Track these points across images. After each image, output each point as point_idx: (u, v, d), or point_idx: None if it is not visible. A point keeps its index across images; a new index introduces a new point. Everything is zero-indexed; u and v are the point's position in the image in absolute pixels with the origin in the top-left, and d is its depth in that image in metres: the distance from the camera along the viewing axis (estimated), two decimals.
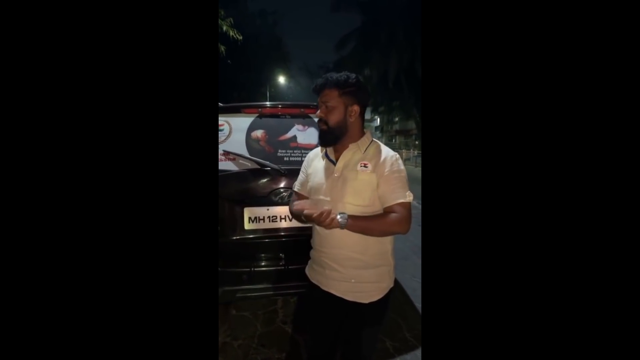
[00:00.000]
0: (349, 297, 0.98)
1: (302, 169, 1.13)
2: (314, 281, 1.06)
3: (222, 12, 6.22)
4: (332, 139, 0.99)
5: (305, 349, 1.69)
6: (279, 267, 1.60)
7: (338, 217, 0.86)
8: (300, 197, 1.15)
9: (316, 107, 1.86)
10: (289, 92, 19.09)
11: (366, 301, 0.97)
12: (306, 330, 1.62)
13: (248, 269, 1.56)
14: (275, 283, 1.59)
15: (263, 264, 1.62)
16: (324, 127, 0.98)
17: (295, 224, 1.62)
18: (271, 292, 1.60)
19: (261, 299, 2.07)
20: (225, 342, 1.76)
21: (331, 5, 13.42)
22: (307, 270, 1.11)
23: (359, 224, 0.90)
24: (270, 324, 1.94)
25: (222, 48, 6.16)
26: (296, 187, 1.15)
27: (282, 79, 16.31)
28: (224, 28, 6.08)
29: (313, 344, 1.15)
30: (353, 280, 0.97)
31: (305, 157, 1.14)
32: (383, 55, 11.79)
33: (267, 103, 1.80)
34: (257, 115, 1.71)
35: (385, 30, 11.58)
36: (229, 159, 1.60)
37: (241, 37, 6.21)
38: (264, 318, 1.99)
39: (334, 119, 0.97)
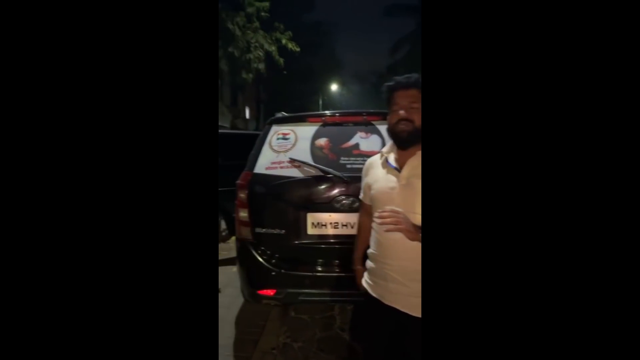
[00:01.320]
0: (415, 313, 0.92)
1: (362, 177, 1.13)
2: (374, 294, 1.02)
3: (282, 26, 6.59)
4: (416, 141, 0.94)
5: (365, 359, 1.67)
6: (340, 274, 1.61)
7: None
8: (363, 205, 1.15)
9: (379, 115, 1.82)
10: (341, 99, 19.30)
11: None
12: (365, 340, 1.60)
13: (311, 273, 1.60)
14: (335, 289, 1.60)
15: (325, 269, 1.65)
16: (409, 128, 0.93)
17: (356, 231, 1.62)
18: (331, 298, 1.62)
19: (320, 303, 2.10)
20: (286, 343, 1.82)
21: (384, 9, 13.30)
22: (365, 283, 1.08)
23: None
24: (328, 329, 1.95)
25: (281, 60, 6.51)
26: (360, 195, 1.16)
27: (334, 87, 16.56)
28: (283, 41, 6.43)
29: (372, 356, 1.12)
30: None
31: None
32: None
33: (330, 112, 1.84)
34: (321, 123, 1.76)
35: None
36: (294, 166, 1.67)
37: (299, 49, 6.51)
38: (322, 323, 2.01)
39: (419, 119, 0.92)
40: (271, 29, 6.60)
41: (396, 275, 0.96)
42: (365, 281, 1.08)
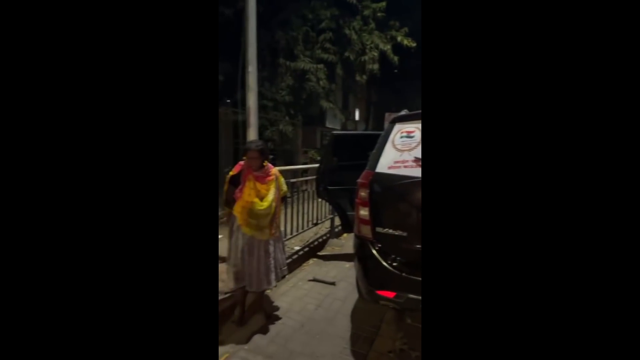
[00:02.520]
0: None
1: None
2: None
3: (397, 24, 6.42)
4: None
5: None
6: None
7: None
8: None
9: None
10: None
11: None
12: None
13: None
14: None
15: None
16: None
17: None
18: None
19: None
20: (403, 350, 1.75)
21: None
22: None
23: None
24: None
25: (396, 59, 6.35)
26: None
27: None
28: (399, 38, 6.26)
29: None
30: None
31: None
32: None
33: None
34: None
35: None
36: (420, 166, 1.58)
37: (415, 44, 6.21)
38: None
39: None
40: (386, 27, 6.51)
41: None
42: None
